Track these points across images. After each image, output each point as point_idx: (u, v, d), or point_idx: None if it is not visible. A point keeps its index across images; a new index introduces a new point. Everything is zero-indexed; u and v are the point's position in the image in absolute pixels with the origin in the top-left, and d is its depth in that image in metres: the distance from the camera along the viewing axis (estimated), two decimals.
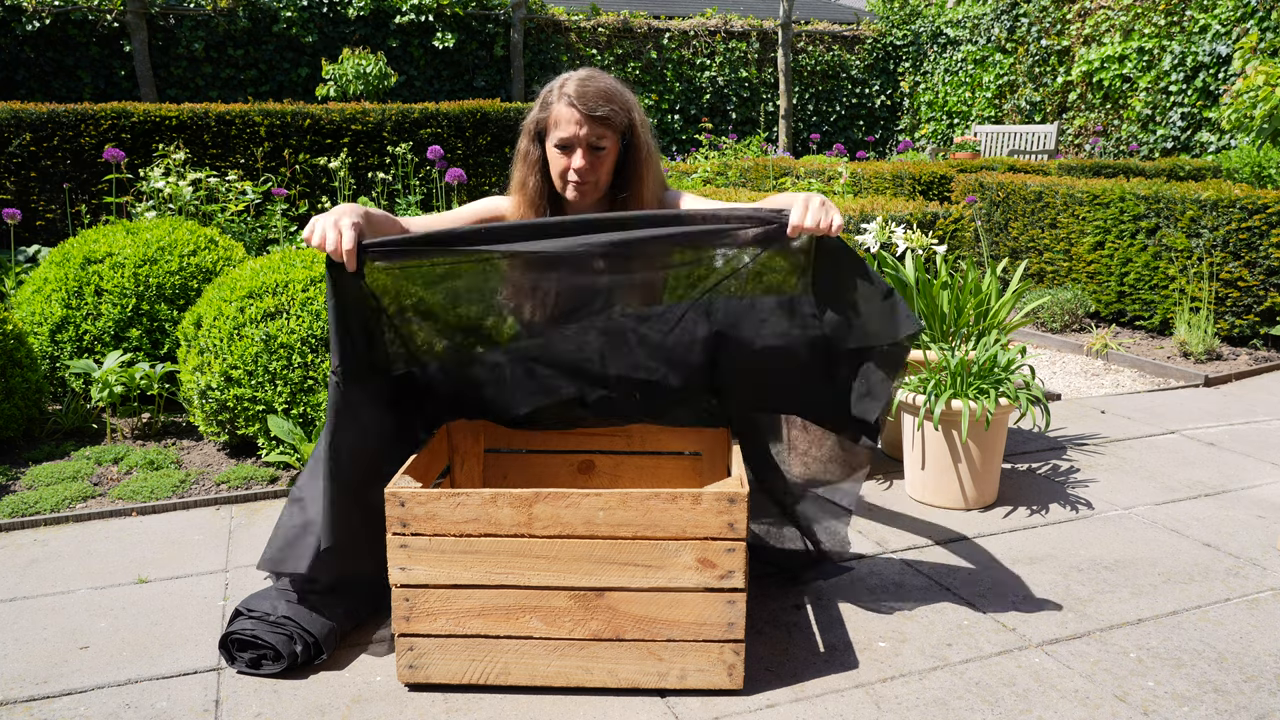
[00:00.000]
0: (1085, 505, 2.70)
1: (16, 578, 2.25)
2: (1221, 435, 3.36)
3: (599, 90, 2.02)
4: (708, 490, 1.70)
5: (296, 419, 2.82)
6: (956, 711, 1.71)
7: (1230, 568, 2.30)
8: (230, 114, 6.60)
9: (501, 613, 1.72)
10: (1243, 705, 1.73)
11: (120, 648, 1.93)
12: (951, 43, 12.94)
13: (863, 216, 3.75)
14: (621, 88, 2.08)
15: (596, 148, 2.03)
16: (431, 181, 6.84)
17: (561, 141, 2.02)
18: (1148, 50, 9.99)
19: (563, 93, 2.02)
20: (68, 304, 3.45)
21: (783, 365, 1.96)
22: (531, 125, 2.08)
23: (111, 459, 2.98)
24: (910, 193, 6.30)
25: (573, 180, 2.04)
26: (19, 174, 6.11)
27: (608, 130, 2.02)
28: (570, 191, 2.06)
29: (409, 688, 1.77)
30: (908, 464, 2.75)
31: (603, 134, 2.02)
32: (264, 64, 10.78)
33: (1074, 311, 5.06)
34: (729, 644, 1.72)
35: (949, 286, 2.99)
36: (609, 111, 2.01)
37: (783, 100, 12.29)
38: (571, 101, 2.00)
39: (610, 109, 2.01)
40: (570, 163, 2.03)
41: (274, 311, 2.90)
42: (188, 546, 2.43)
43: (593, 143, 2.02)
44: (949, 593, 2.17)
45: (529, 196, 2.11)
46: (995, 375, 2.64)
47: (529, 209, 2.12)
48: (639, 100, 2.15)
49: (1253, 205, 4.42)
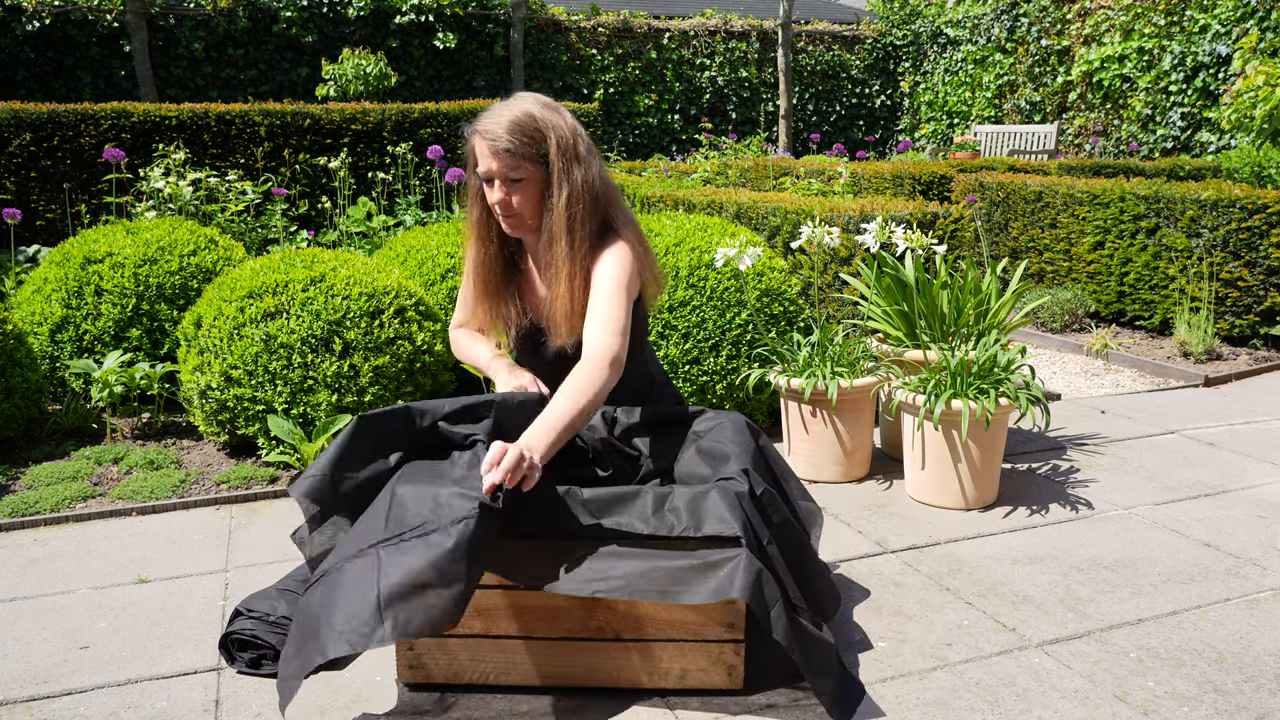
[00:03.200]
0: (1085, 505, 2.70)
1: (16, 578, 2.25)
2: (1221, 435, 3.36)
3: (508, 121, 1.94)
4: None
5: (296, 419, 2.82)
6: (956, 711, 1.71)
7: (1230, 568, 2.30)
8: (230, 114, 6.60)
9: (502, 612, 1.72)
10: (1243, 705, 1.73)
11: (120, 648, 1.93)
12: (951, 43, 12.94)
13: (863, 216, 3.75)
14: (541, 114, 1.97)
15: (513, 179, 1.96)
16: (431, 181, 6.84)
17: (481, 175, 1.98)
18: (1148, 50, 9.99)
19: (475, 125, 1.97)
20: (68, 304, 3.45)
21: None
22: (468, 158, 2.04)
23: (111, 459, 2.98)
24: (910, 193, 6.30)
25: (499, 212, 2.00)
26: (19, 174, 6.11)
27: (520, 161, 1.94)
28: (504, 224, 2.03)
29: (409, 687, 1.77)
30: (908, 464, 2.75)
31: (515, 165, 1.94)
32: (264, 64, 10.78)
33: (1074, 311, 5.06)
34: (729, 644, 1.72)
35: (949, 286, 2.99)
36: (515, 143, 1.93)
37: (783, 100, 12.29)
38: (479, 134, 1.96)
39: (517, 140, 1.93)
40: (491, 196, 1.98)
41: (274, 311, 2.90)
42: (188, 546, 2.43)
43: (506, 175, 1.95)
44: (949, 593, 2.17)
45: (476, 232, 2.11)
46: (995, 375, 2.64)
47: (477, 243, 2.11)
48: (580, 128, 2.05)
49: (1253, 205, 4.42)
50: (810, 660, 1.63)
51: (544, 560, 1.67)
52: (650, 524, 1.66)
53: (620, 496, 1.69)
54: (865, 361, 2.91)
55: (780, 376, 2.86)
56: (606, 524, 1.66)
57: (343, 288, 2.95)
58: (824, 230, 2.97)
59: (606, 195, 2.05)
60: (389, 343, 2.92)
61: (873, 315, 3.11)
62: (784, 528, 1.84)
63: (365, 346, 2.89)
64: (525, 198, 1.98)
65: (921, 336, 2.95)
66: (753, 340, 3.15)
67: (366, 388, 2.87)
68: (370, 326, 2.92)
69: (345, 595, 1.53)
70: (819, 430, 2.84)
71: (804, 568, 1.90)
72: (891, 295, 3.05)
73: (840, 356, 2.87)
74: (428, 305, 3.16)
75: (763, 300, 3.21)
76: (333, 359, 2.85)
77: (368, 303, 2.95)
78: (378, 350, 2.90)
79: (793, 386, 2.81)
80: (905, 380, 2.77)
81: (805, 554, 1.91)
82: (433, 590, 1.51)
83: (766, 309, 3.21)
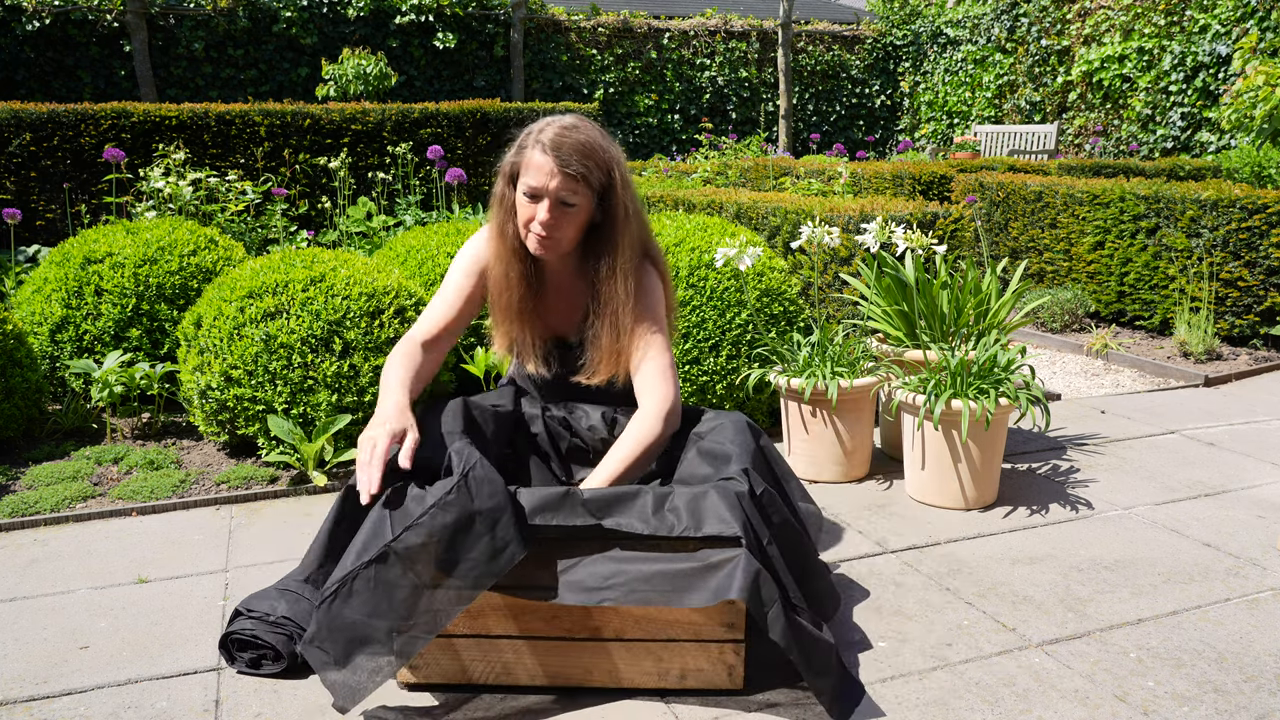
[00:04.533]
0: (1085, 505, 2.70)
1: (16, 578, 2.25)
2: (1221, 435, 3.36)
3: (578, 143, 1.89)
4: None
5: (296, 419, 2.82)
6: (956, 711, 1.71)
7: (1230, 568, 2.30)
8: (230, 114, 6.60)
9: (502, 612, 1.72)
10: (1243, 705, 1.73)
11: (120, 648, 1.93)
12: (951, 43, 12.94)
13: (863, 216, 3.75)
14: (604, 144, 1.95)
15: (566, 203, 1.91)
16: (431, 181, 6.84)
17: (531, 190, 1.91)
18: (1148, 50, 9.99)
19: (539, 139, 1.90)
20: (68, 304, 3.45)
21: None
22: (507, 167, 1.97)
23: (111, 459, 2.98)
24: (910, 193, 6.30)
25: (536, 233, 1.93)
26: (19, 174, 6.11)
27: (581, 187, 1.91)
28: (533, 243, 1.95)
29: (409, 688, 1.77)
30: (908, 464, 2.75)
31: (575, 190, 1.90)
32: (264, 64, 10.78)
33: (1074, 311, 5.06)
34: (729, 644, 1.72)
35: (949, 286, 2.99)
36: (584, 169, 1.89)
37: (783, 100, 12.29)
38: (545, 149, 1.89)
39: (586, 166, 1.89)
40: (535, 213, 1.92)
41: (274, 311, 2.90)
42: (188, 546, 2.43)
43: (563, 198, 1.90)
44: (949, 593, 2.17)
45: (509, 246, 2.02)
46: (995, 375, 2.64)
47: (508, 259, 2.03)
48: (620, 152, 2.02)
49: (1253, 205, 4.42)
50: (809, 660, 1.63)
51: (545, 567, 1.67)
52: (650, 524, 1.66)
53: (620, 496, 1.69)
54: (865, 361, 2.91)
55: (780, 376, 2.86)
56: (607, 524, 1.66)
57: (343, 288, 2.95)
58: (824, 230, 2.97)
59: (647, 225, 2.08)
60: (389, 343, 2.93)
61: (873, 315, 3.11)
62: (784, 528, 1.84)
63: (365, 346, 2.89)
64: (571, 223, 1.95)
65: (921, 336, 2.95)
66: (753, 340, 3.15)
67: (366, 388, 2.87)
68: (370, 326, 2.92)
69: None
70: (819, 430, 2.84)
71: (804, 568, 1.90)
72: (891, 295, 3.05)
73: (840, 356, 2.87)
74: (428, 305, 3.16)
75: (763, 300, 3.21)
76: (333, 359, 2.85)
77: (368, 303, 2.95)
78: (378, 350, 2.90)
79: (793, 386, 2.81)
80: (905, 380, 2.77)
81: (805, 554, 1.91)
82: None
83: (766, 309, 3.21)
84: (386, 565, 1.59)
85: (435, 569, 1.59)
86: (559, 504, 1.67)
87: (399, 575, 1.59)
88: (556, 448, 2.17)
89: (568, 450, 2.16)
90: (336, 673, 1.59)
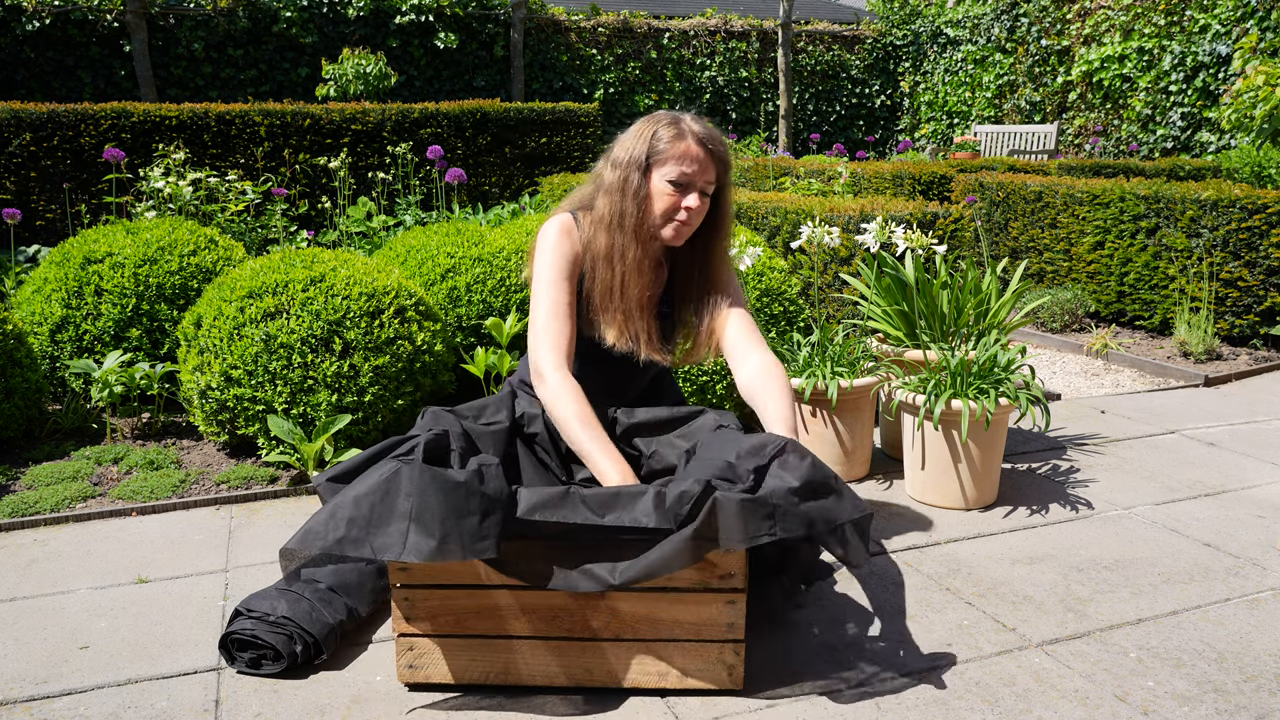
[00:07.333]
0: (1085, 505, 2.70)
1: (16, 578, 2.25)
2: (1221, 435, 3.36)
3: (718, 137, 2.03)
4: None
5: (296, 419, 2.82)
6: (956, 711, 1.71)
7: (1230, 568, 2.30)
8: (230, 114, 6.60)
9: (502, 612, 1.72)
10: (1243, 705, 1.73)
11: (120, 648, 1.93)
12: (951, 43, 12.94)
13: (863, 216, 3.75)
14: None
15: (705, 193, 2.02)
16: (431, 181, 6.84)
17: (681, 178, 1.98)
18: (1148, 50, 9.99)
19: (689, 129, 1.99)
20: (68, 304, 3.45)
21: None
22: (641, 157, 2.00)
23: (111, 459, 2.98)
24: (910, 193, 6.30)
25: (680, 219, 2.00)
26: (19, 174, 6.11)
27: (717, 179, 2.03)
28: (670, 230, 2.02)
29: (409, 688, 1.77)
30: (908, 464, 2.75)
31: (712, 180, 2.01)
32: (264, 64, 10.78)
33: (1074, 311, 5.06)
34: (729, 644, 1.72)
35: (949, 286, 2.99)
36: (728, 161, 2.02)
37: (783, 100, 12.29)
38: (701, 140, 1.99)
39: (727, 158, 2.02)
40: (682, 201, 1.99)
41: (274, 311, 2.90)
42: (188, 546, 2.43)
43: (704, 188, 2.01)
44: (949, 593, 2.17)
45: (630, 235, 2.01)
46: (995, 375, 2.64)
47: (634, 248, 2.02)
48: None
49: (1253, 205, 4.42)
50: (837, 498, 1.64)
51: (553, 559, 1.67)
52: (654, 519, 1.66)
53: (621, 494, 1.69)
54: (865, 361, 2.91)
55: None
56: (608, 521, 1.66)
57: (343, 288, 2.95)
58: (824, 230, 2.97)
59: None
60: (389, 343, 2.93)
61: (873, 315, 3.11)
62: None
63: (365, 346, 2.89)
64: (704, 210, 2.05)
65: (921, 336, 2.95)
66: None
67: (366, 388, 2.87)
68: (370, 326, 2.92)
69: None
70: (819, 430, 2.84)
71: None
72: (891, 295, 3.05)
73: (840, 356, 2.87)
74: (428, 305, 3.16)
75: (763, 300, 3.21)
76: (333, 359, 2.85)
77: (368, 303, 2.95)
78: (378, 350, 2.90)
79: (792, 386, 2.81)
80: (905, 380, 2.77)
81: (805, 554, 1.91)
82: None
83: (766, 309, 3.21)
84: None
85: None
86: (560, 502, 1.67)
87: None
88: (556, 447, 2.17)
89: (567, 450, 2.16)
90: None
